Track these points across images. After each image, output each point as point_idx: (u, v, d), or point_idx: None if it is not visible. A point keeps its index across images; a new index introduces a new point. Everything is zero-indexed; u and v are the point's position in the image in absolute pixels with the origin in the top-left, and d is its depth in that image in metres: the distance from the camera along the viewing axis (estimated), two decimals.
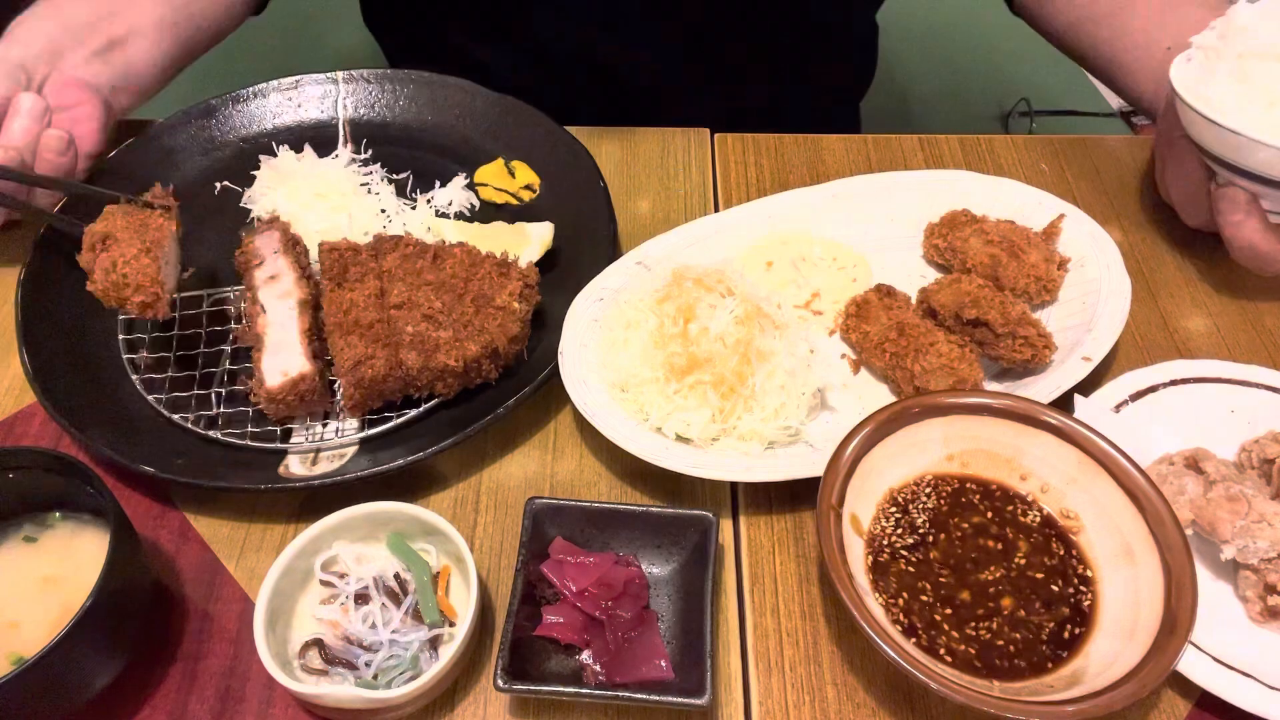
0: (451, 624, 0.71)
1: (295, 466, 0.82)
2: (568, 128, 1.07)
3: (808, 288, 0.96)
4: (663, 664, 0.69)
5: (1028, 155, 1.11)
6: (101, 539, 0.71)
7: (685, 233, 0.97)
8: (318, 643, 0.70)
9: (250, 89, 1.12)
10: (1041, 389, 0.82)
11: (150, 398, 0.86)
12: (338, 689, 0.67)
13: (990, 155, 1.11)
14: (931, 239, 0.97)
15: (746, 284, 0.86)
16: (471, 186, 1.06)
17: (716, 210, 1.06)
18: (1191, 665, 0.69)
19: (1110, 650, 0.67)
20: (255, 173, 1.05)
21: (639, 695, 0.66)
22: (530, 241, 0.96)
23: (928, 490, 0.77)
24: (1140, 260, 1.00)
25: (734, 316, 0.83)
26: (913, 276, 0.97)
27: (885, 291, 0.91)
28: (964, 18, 1.14)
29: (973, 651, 0.69)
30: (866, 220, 1.00)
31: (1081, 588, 0.72)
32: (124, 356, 0.89)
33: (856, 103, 1.44)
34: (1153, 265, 1.00)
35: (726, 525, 0.81)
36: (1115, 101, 1.76)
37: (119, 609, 0.67)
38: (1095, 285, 0.91)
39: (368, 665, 0.69)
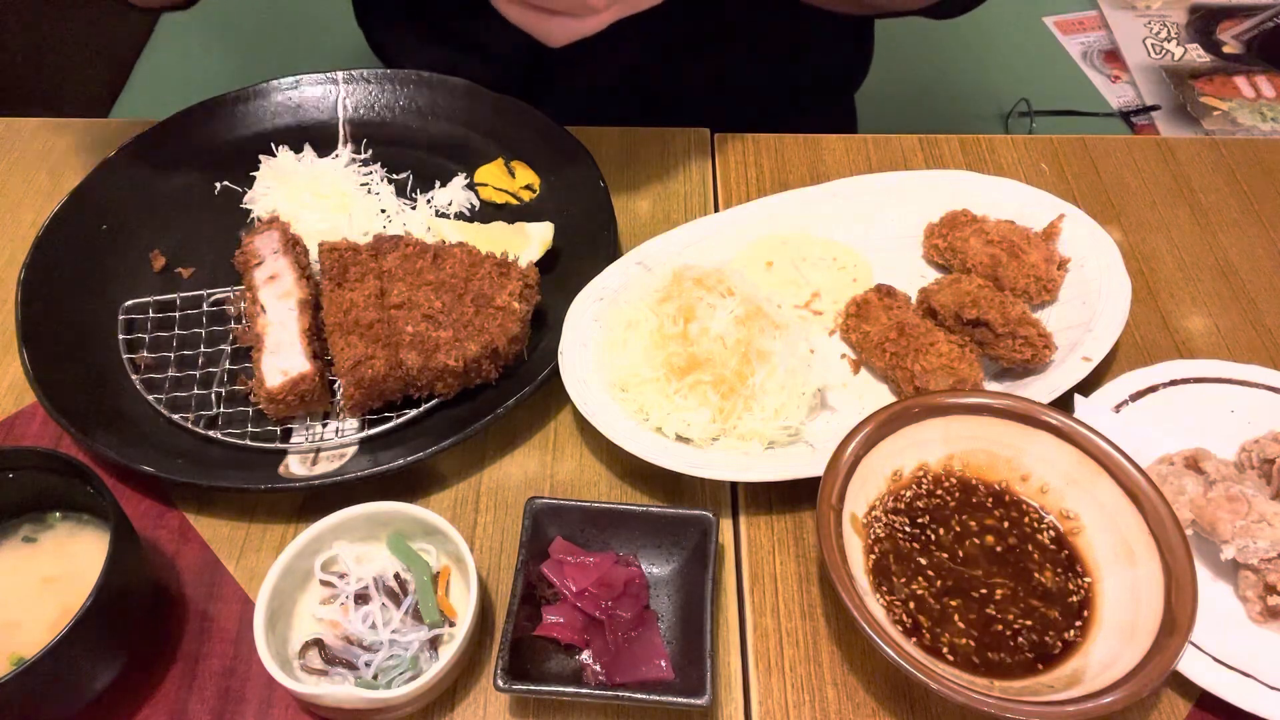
0: (451, 624, 0.71)
1: (295, 466, 0.82)
2: (568, 128, 1.07)
3: (808, 288, 0.96)
4: (663, 664, 0.69)
5: (1028, 155, 1.11)
6: (101, 539, 0.71)
7: (685, 233, 0.97)
8: (318, 643, 0.70)
9: (250, 89, 1.11)
10: (1041, 389, 0.82)
11: (150, 398, 0.86)
12: (338, 689, 0.67)
13: (990, 155, 1.11)
14: (931, 239, 0.97)
15: (746, 284, 0.86)
16: (471, 186, 1.06)
17: (716, 210, 1.06)
18: (1191, 665, 0.69)
19: (1110, 650, 0.67)
20: (255, 173, 1.05)
21: (639, 695, 0.66)
22: (530, 241, 0.96)
23: (928, 490, 0.77)
24: (1140, 260, 1.00)
25: (734, 316, 0.83)
26: (913, 276, 0.97)
27: (885, 291, 0.91)
28: (963, 18, 1.14)
29: (972, 651, 0.69)
30: (866, 220, 1.00)
31: (1081, 588, 0.72)
32: (124, 356, 0.89)
33: (853, 90, 1.43)
34: (1153, 265, 1.00)
35: (726, 525, 0.81)
36: (1115, 101, 1.76)
37: (119, 609, 0.67)
38: (1095, 285, 0.91)
39: (368, 665, 0.69)
